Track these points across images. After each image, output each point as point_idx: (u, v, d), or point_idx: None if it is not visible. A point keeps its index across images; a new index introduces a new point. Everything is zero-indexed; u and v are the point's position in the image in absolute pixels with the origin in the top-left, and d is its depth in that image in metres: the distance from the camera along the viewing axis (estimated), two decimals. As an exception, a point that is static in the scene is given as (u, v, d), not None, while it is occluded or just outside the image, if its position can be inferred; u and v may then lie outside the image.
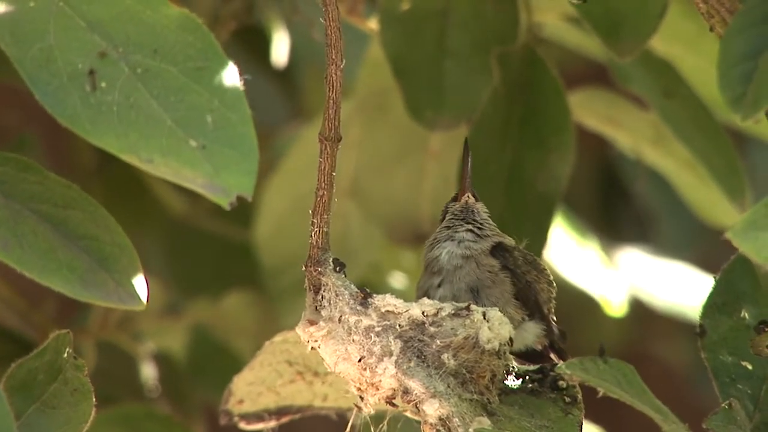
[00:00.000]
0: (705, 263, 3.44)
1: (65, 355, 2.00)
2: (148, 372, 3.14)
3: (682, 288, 3.38)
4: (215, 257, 3.34)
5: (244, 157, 1.84)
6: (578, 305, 3.26)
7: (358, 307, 2.14)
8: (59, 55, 1.85)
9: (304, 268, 2.16)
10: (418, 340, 2.13)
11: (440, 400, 2.10)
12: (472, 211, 2.30)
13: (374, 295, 2.16)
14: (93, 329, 3.07)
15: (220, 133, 1.85)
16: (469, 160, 2.30)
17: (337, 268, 2.16)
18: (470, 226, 2.28)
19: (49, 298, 3.04)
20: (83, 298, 1.92)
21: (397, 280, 3.20)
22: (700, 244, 3.69)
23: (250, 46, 3.18)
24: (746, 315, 2.18)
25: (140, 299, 1.95)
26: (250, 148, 1.84)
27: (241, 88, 1.88)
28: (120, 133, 1.82)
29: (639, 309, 3.39)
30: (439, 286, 2.24)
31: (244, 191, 1.85)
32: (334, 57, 2.12)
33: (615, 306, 3.19)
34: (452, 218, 2.30)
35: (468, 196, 2.30)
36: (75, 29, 1.86)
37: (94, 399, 2.01)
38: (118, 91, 1.84)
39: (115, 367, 3.11)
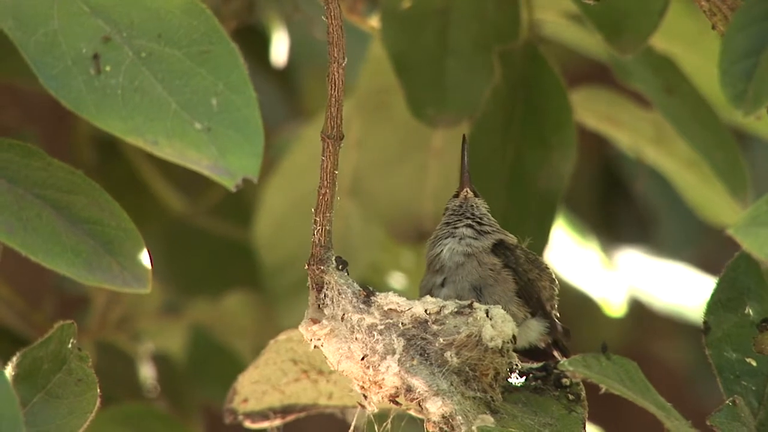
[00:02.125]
0: (705, 263, 3.44)
1: (69, 345, 1.99)
2: (147, 372, 3.13)
3: (681, 288, 3.38)
4: (214, 257, 3.33)
5: (249, 139, 1.84)
6: (578, 306, 3.26)
7: (361, 306, 2.13)
8: (63, 40, 1.85)
9: (306, 266, 2.15)
10: (421, 338, 2.13)
11: (443, 398, 2.09)
12: (472, 205, 2.29)
13: (377, 294, 2.15)
14: (92, 329, 3.06)
15: (225, 116, 1.85)
16: (466, 155, 2.29)
17: (340, 267, 2.15)
18: (469, 221, 2.27)
19: (49, 298, 3.03)
20: (88, 281, 1.92)
21: (397, 280, 3.19)
22: (700, 244, 3.69)
23: (249, 45, 3.17)
24: (750, 312, 2.18)
25: (145, 282, 1.94)
26: (255, 131, 1.85)
27: (246, 71, 1.88)
28: (125, 116, 1.82)
29: (639, 309, 3.39)
30: (442, 285, 2.23)
31: (250, 173, 1.85)
32: (336, 55, 2.12)
33: (614, 306, 3.18)
34: (452, 214, 2.30)
35: (467, 191, 2.30)
36: (79, 14, 1.87)
37: (98, 390, 2.00)
38: (123, 74, 1.84)
39: (113, 367, 3.10)
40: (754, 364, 2.16)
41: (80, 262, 1.90)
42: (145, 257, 1.97)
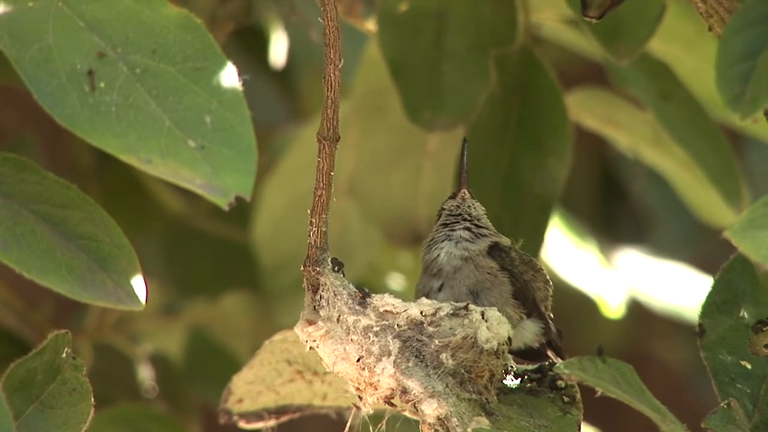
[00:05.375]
0: (703, 263, 3.44)
1: (64, 355, 2.00)
2: (145, 373, 3.14)
3: (680, 289, 3.38)
4: (213, 258, 3.33)
5: (243, 157, 1.84)
6: (577, 306, 3.26)
7: (357, 307, 2.14)
8: (58, 56, 1.85)
9: (302, 267, 2.16)
10: (417, 339, 2.13)
11: (438, 400, 2.10)
12: (469, 206, 2.30)
13: (372, 295, 2.15)
14: (90, 330, 3.07)
15: (219, 134, 1.85)
16: (465, 156, 2.29)
17: (336, 268, 2.16)
18: (467, 224, 2.28)
19: (47, 299, 3.04)
20: (82, 298, 1.92)
21: (395, 280, 3.20)
22: (698, 244, 3.69)
23: (248, 46, 3.18)
24: (745, 314, 2.18)
25: (139, 299, 1.95)
26: (249, 149, 1.84)
27: (240, 88, 1.88)
28: (119, 134, 1.82)
29: (637, 309, 3.39)
30: (439, 290, 2.24)
31: (243, 191, 1.85)
32: (332, 57, 2.12)
33: (613, 307, 3.19)
34: (449, 215, 2.30)
35: (464, 192, 2.30)
36: (74, 29, 1.86)
37: (92, 399, 2.01)
38: (117, 91, 1.84)
39: (112, 368, 3.11)
40: (748, 366, 2.17)
41: (74, 279, 1.90)
42: (138, 274, 1.97)
